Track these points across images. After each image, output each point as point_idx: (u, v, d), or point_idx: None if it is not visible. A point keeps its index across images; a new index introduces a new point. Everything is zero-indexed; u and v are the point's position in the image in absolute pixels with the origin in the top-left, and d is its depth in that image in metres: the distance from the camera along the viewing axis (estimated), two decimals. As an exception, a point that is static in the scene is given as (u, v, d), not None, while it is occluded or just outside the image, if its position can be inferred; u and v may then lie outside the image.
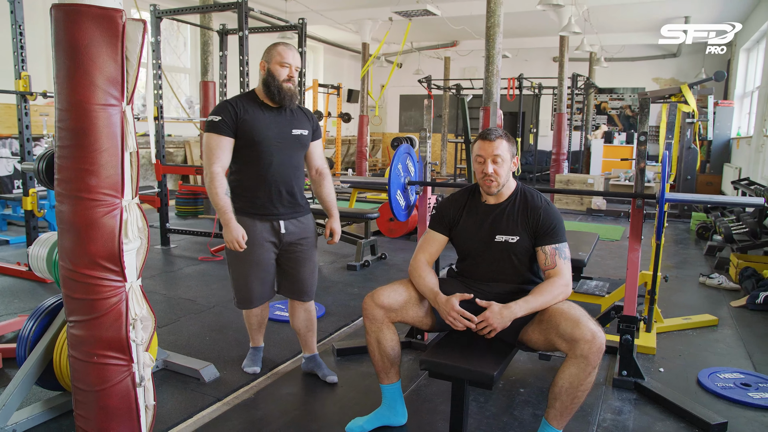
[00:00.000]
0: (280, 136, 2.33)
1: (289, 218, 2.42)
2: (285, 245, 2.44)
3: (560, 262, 2.04)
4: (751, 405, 2.44)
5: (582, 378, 1.83)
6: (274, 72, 2.28)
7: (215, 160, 2.23)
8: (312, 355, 2.67)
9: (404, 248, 5.62)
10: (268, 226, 2.38)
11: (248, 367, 2.68)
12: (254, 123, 2.28)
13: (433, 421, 2.27)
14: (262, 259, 2.41)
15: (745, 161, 8.37)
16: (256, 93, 2.37)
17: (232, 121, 2.25)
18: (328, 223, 2.52)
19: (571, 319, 1.85)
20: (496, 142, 2.07)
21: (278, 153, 2.33)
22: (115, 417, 1.66)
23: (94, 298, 1.58)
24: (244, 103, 2.30)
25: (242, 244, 2.24)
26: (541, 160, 13.48)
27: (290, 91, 2.31)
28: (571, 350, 1.84)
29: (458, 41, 14.14)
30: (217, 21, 7.50)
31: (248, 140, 2.28)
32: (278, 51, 2.29)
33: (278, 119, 2.35)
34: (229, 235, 2.23)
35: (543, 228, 2.07)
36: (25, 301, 3.69)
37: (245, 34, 4.73)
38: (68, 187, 1.55)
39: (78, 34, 1.47)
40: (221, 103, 2.32)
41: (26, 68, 3.90)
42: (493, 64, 6.31)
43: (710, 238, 6.02)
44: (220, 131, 2.24)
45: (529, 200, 2.12)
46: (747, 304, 3.83)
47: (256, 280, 2.43)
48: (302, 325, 2.60)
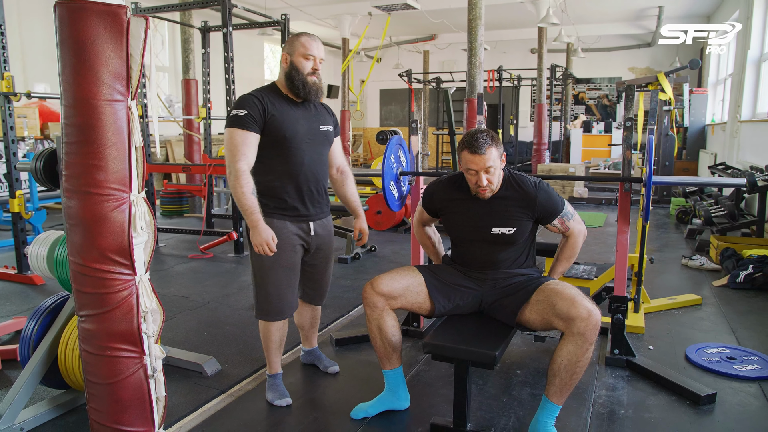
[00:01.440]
0: (309, 132, 2.21)
1: (317, 219, 2.31)
2: (312, 248, 2.33)
3: (571, 223, 2.21)
4: (737, 377, 2.56)
5: (580, 354, 1.90)
6: (298, 65, 2.14)
7: (240, 157, 2.05)
8: (312, 348, 2.70)
9: (393, 240, 5.68)
10: (300, 228, 2.25)
11: (277, 399, 2.32)
12: (284, 118, 2.13)
13: (435, 404, 2.33)
14: (295, 264, 2.26)
15: (720, 147, 8.59)
16: (278, 87, 2.22)
17: (259, 115, 2.09)
18: (356, 223, 2.46)
19: (567, 299, 1.92)
20: (486, 154, 2.02)
21: (309, 150, 2.20)
22: (129, 409, 1.68)
23: (105, 292, 1.60)
24: (270, 97, 2.14)
25: (272, 248, 2.07)
26: (522, 151, 13.63)
27: (315, 85, 2.18)
28: (568, 328, 1.90)
29: (437, 35, 14.20)
30: (197, 18, 7.45)
31: (277, 137, 2.13)
32: (302, 42, 2.16)
33: (306, 114, 2.22)
34: (258, 237, 2.04)
35: (545, 211, 2.16)
36: (16, 303, 3.66)
37: (229, 31, 4.72)
38: (76, 182, 1.56)
39: (83, 31, 1.48)
40: (245, 96, 2.14)
41: (8, 68, 3.85)
42: (475, 56, 6.38)
43: (690, 221, 6.19)
44: (245, 126, 2.07)
45: (520, 189, 2.14)
46: (728, 283, 3.97)
47: (288, 288, 2.26)
48: (308, 322, 2.60)
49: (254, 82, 13.02)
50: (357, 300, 3.71)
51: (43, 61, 7.90)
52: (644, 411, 2.27)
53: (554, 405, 1.99)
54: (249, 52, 12.61)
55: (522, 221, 2.14)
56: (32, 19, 7.77)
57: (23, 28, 7.64)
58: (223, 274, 4.44)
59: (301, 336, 2.69)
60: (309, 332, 2.65)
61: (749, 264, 3.99)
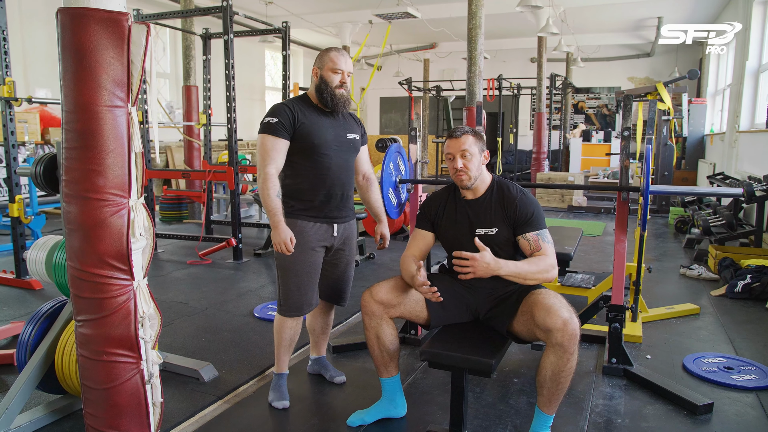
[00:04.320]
0: (336, 140, 2.33)
1: (341, 221, 2.41)
2: (334, 249, 2.43)
3: (545, 245, 2.09)
4: (735, 387, 2.55)
5: (562, 365, 1.89)
6: (327, 78, 2.27)
7: (270, 162, 2.20)
8: (319, 357, 2.69)
9: (391, 248, 5.67)
10: (323, 229, 2.35)
11: (277, 401, 2.39)
12: (313, 126, 2.27)
13: (432, 412, 2.33)
14: (316, 263, 2.37)
15: (719, 157, 8.62)
16: (310, 97, 2.35)
17: (289, 123, 2.23)
18: (378, 228, 2.58)
19: (544, 308, 1.90)
20: (462, 138, 2.15)
21: (336, 156, 2.32)
22: (125, 414, 1.68)
23: (103, 297, 1.61)
24: (301, 107, 2.29)
25: (290, 247, 2.19)
26: (521, 160, 13.66)
27: (343, 97, 2.30)
28: (548, 339, 1.89)
29: (437, 43, 14.28)
30: (198, 25, 7.48)
31: (307, 143, 2.26)
32: (330, 57, 2.28)
33: (334, 123, 2.34)
34: (278, 237, 2.18)
35: (521, 217, 2.12)
36: (14, 308, 3.66)
37: (230, 38, 4.75)
38: (76, 187, 1.57)
39: (85, 38, 1.49)
40: (277, 105, 2.29)
41: (10, 73, 3.87)
42: (475, 65, 6.41)
43: (688, 231, 6.20)
44: (276, 133, 2.22)
45: (504, 192, 2.18)
46: (726, 293, 3.97)
47: (310, 285, 2.37)
48: (319, 326, 2.61)
49: (255, 89, 13.09)
50: (355, 307, 3.71)
51: (44, 67, 7.93)
52: (641, 420, 2.27)
53: (546, 415, 1.99)
54: (250, 59, 12.66)
55: (503, 223, 2.15)
56: (34, 25, 7.81)
57: (25, 33, 7.68)
58: (222, 280, 4.44)
59: (311, 342, 2.69)
60: (319, 338, 2.65)
61: (747, 274, 4.00)
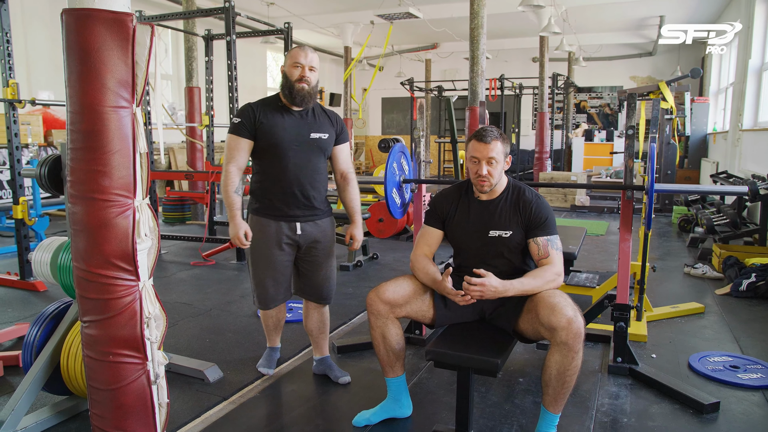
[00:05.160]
0: (297, 139, 2.37)
1: (306, 220, 2.44)
2: (303, 247, 2.47)
3: (553, 252, 2.09)
4: (741, 385, 2.55)
5: (567, 363, 1.88)
6: (288, 73, 2.35)
7: (231, 160, 2.35)
8: (323, 357, 2.69)
9: (394, 248, 5.68)
10: (286, 227, 2.41)
11: (263, 367, 2.69)
12: (271, 126, 2.34)
13: (438, 412, 2.33)
14: (276, 260, 2.43)
15: (722, 155, 8.60)
16: (280, 97, 2.41)
17: (250, 123, 2.33)
18: (349, 228, 2.57)
19: (549, 307, 1.89)
20: (491, 144, 2.10)
21: (294, 156, 2.37)
22: (131, 415, 1.68)
23: (109, 298, 1.60)
24: (265, 107, 2.37)
25: (243, 241, 2.31)
26: (524, 159, 13.65)
27: (302, 90, 2.33)
28: (552, 338, 1.89)
29: (439, 43, 14.27)
30: (200, 26, 7.50)
31: (266, 142, 2.35)
32: (291, 54, 2.37)
33: (297, 122, 2.38)
34: (232, 230, 2.32)
35: (534, 221, 2.12)
36: (18, 309, 3.66)
37: (233, 39, 4.75)
38: (81, 188, 1.57)
39: (89, 38, 1.49)
40: (244, 106, 2.40)
41: (14, 75, 3.87)
42: (477, 65, 6.41)
43: (692, 230, 6.18)
44: (238, 132, 2.35)
45: (520, 195, 2.17)
46: (731, 292, 3.96)
47: (270, 281, 2.46)
48: (315, 326, 2.63)
49: (257, 89, 13.09)
50: (359, 307, 3.71)
51: (46, 69, 7.94)
52: (647, 419, 2.26)
53: (552, 414, 1.98)
54: (251, 60, 12.67)
55: (517, 226, 2.14)
56: (36, 26, 7.82)
57: (27, 36, 7.69)
58: (225, 281, 4.44)
59: (312, 343, 2.70)
60: (318, 338, 2.66)
61: (752, 272, 3.99)
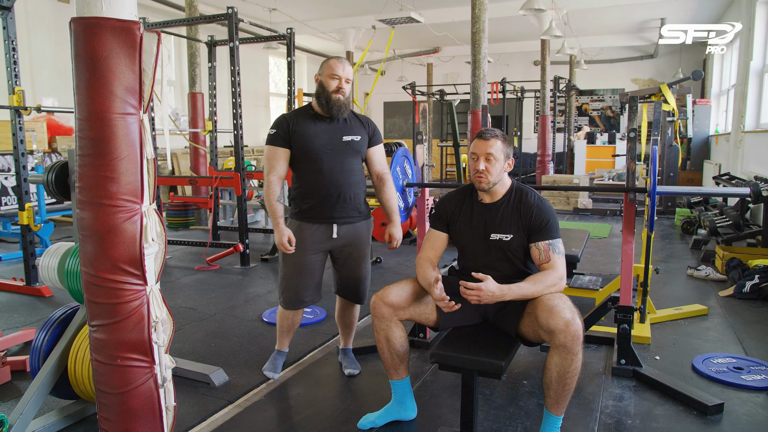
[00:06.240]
0: (330, 143, 2.46)
1: (342, 222, 2.52)
2: (338, 248, 2.55)
3: (554, 256, 2.08)
4: (745, 387, 2.55)
5: (567, 366, 1.88)
6: (325, 83, 2.43)
7: (270, 170, 2.46)
8: (345, 348, 2.87)
9: (398, 252, 5.68)
10: (322, 230, 2.50)
11: (268, 371, 2.73)
12: (304, 133, 2.44)
13: (442, 414, 2.34)
14: (309, 263, 2.53)
15: (724, 157, 8.60)
16: (312, 105, 2.51)
17: (285, 133, 2.45)
18: (388, 227, 2.63)
19: (547, 309, 1.89)
20: (490, 141, 2.15)
21: (329, 159, 2.45)
22: (139, 418, 1.69)
23: (117, 302, 1.63)
24: (298, 116, 2.48)
25: (287, 247, 2.41)
26: (526, 163, 13.65)
27: (338, 101, 2.44)
28: (551, 340, 1.89)
29: (440, 47, 14.30)
30: (203, 32, 7.54)
31: (301, 149, 2.45)
32: (329, 64, 2.45)
33: (329, 128, 2.48)
34: (277, 237, 2.43)
35: (536, 225, 2.12)
36: (25, 315, 3.69)
37: (236, 45, 4.79)
38: (89, 194, 1.59)
39: (97, 46, 1.52)
40: (279, 117, 2.51)
41: (19, 83, 3.91)
42: (479, 69, 6.43)
43: (695, 232, 6.18)
44: (275, 143, 2.46)
45: (522, 199, 2.18)
46: (734, 293, 3.96)
47: (301, 283, 2.55)
48: (347, 321, 2.79)
49: (259, 95, 13.15)
50: (363, 311, 3.71)
51: (50, 76, 7.99)
52: (651, 421, 2.27)
53: (555, 416, 1.99)
54: (254, 66, 12.72)
55: (518, 230, 2.14)
56: (40, 34, 7.88)
57: (31, 42, 7.75)
58: (230, 285, 4.46)
59: (340, 333, 2.87)
60: (343, 331, 2.84)
61: (755, 274, 3.99)
